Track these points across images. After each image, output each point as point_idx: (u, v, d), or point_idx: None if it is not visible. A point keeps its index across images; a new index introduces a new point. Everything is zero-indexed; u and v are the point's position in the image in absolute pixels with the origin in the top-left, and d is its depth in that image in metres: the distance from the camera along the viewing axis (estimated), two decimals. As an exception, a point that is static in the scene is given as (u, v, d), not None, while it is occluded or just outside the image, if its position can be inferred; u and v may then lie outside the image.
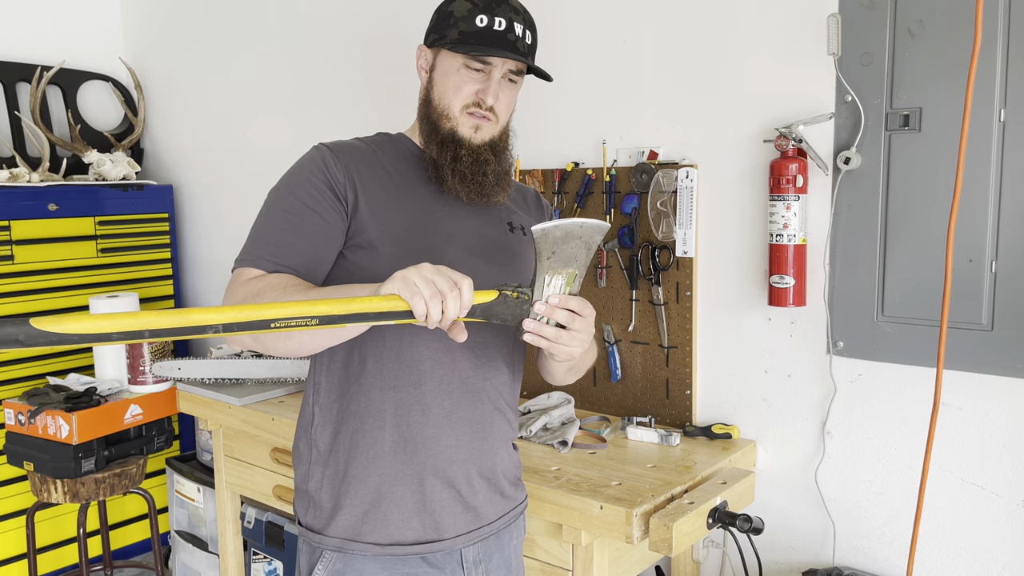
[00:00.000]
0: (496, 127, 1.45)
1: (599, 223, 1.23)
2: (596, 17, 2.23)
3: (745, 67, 2.00)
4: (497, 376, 1.47)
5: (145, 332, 1.02)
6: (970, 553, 1.81)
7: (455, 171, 1.42)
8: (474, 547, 1.47)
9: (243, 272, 1.35)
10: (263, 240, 1.37)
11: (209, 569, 2.91)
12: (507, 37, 1.39)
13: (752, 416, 2.08)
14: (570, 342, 1.26)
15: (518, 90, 1.47)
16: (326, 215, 1.36)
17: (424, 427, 1.41)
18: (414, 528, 1.42)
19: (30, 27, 3.34)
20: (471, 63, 1.40)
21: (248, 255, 1.36)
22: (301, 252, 1.35)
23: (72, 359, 3.15)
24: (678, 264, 2.14)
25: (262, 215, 1.40)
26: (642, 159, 2.17)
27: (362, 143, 1.48)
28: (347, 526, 1.42)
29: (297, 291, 1.26)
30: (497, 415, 1.48)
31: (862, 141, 1.84)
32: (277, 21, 3.04)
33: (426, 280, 1.12)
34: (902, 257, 1.82)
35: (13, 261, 2.97)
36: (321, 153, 1.41)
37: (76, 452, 2.57)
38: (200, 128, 3.42)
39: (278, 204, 1.39)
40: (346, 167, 1.39)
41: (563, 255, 1.23)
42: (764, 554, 2.01)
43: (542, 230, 1.20)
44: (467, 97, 1.41)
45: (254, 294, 1.27)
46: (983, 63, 1.67)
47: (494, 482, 1.50)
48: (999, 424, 1.75)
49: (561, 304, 1.25)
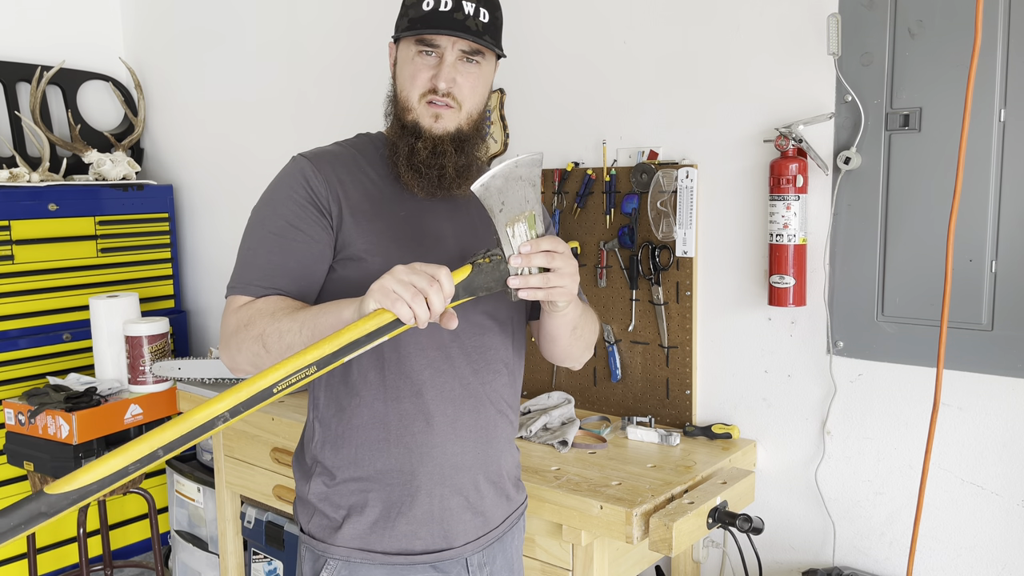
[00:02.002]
0: (460, 115, 1.38)
1: (531, 155, 1.20)
2: (596, 17, 2.23)
3: (745, 67, 2.00)
4: (496, 379, 1.46)
5: (159, 452, 1.03)
6: (970, 553, 1.81)
7: (410, 164, 1.38)
8: (480, 552, 1.47)
9: (234, 300, 1.35)
10: (251, 264, 1.36)
11: (209, 569, 2.91)
12: (454, 16, 1.33)
13: (752, 416, 2.08)
14: (561, 280, 1.24)
15: (484, 74, 1.40)
16: (311, 232, 1.34)
17: (429, 436, 1.39)
18: (423, 538, 1.41)
19: (30, 27, 3.34)
20: (422, 48, 1.35)
21: (238, 281, 1.36)
22: (290, 273, 1.34)
23: (72, 359, 3.15)
24: (678, 264, 2.14)
25: (248, 237, 1.38)
26: (642, 159, 2.17)
27: (342, 148, 1.46)
28: (354, 536, 1.41)
29: (285, 314, 1.25)
30: (499, 418, 1.47)
31: (862, 141, 1.84)
32: (277, 21, 3.04)
33: (403, 283, 1.12)
34: (902, 257, 1.82)
35: (13, 261, 2.97)
36: (300, 166, 1.38)
37: (76, 452, 2.57)
38: (200, 128, 3.42)
39: (263, 225, 1.37)
40: (327, 180, 1.37)
41: (513, 202, 1.20)
42: (764, 554, 2.01)
43: (482, 185, 1.17)
44: (423, 84, 1.36)
45: (244, 323, 1.28)
46: (983, 63, 1.67)
47: (500, 485, 1.49)
48: (999, 424, 1.75)
49: (534, 248, 1.21)
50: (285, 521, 2.51)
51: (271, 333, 1.25)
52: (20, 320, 3.01)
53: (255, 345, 1.27)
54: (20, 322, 3.01)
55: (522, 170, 1.19)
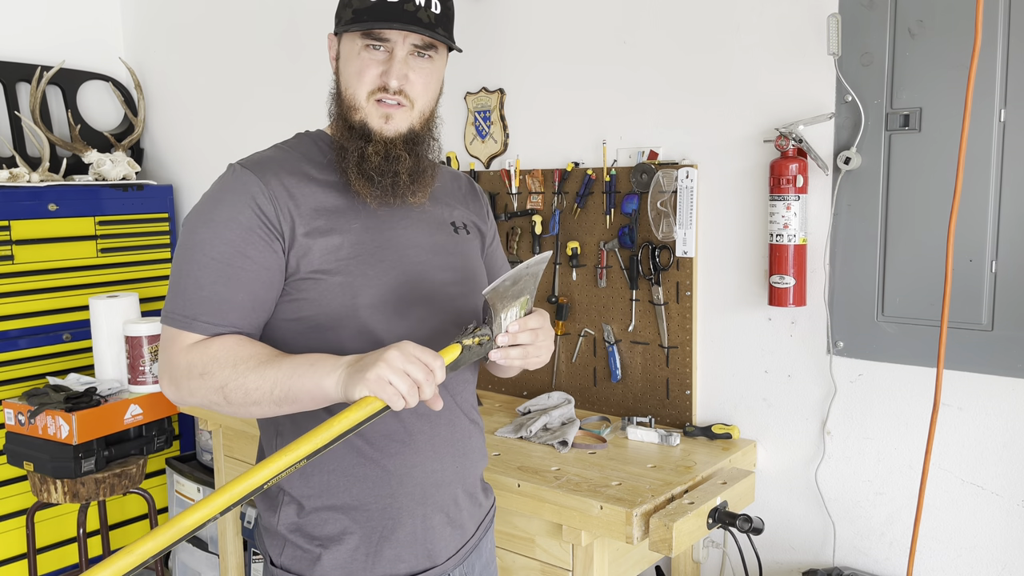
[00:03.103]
0: (412, 114, 1.29)
1: (541, 257, 1.23)
2: (596, 17, 2.23)
3: (745, 67, 2.00)
4: (466, 387, 1.42)
5: (148, 560, 1.03)
6: (970, 553, 1.81)
7: (361, 171, 1.28)
8: (460, 564, 1.43)
9: (179, 337, 1.23)
10: (193, 297, 1.23)
11: (209, 569, 2.91)
12: (404, 8, 1.23)
13: (752, 416, 2.08)
14: (539, 353, 1.26)
15: (437, 69, 1.31)
16: (259, 259, 1.23)
17: (408, 456, 1.32)
18: (407, 560, 1.34)
19: (30, 27, 3.33)
20: (369, 42, 1.25)
21: (179, 313, 1.23)
22: (239, 306, 1.23)
23: (72, 359, 3.15)
24: (678, 264, 2.14)
25: (185, 259, 1.25)
26: (642, 159, 2.17)
27: (284, 153, 1.35)
28: (335, 567, 1.31)
29: (250, 368, 1.17)
30: (472, 427, 1.43)
31: (862, 141, 1.84)
32: (277, 20, 3.04)
33: (399, 374, 1.08)
34: (902, 257, 1.82)
35: (13, 261, 2.97)
36: (244, 181, 1.26)
37: (76, 452, 2.57)
38: (200, 128, 3.42)
39: (203, 249, 1.23)
40: (274, 195, 1.25)
41: (515, 292, 1.22)
42: (764, 554, 2.01)
43: (494, 290, 1.18)
44: (371, 82, 1.27)
45: (200, 371, 1.19)
46: (983, 63, 1.67)
47: (473, 495, 1.45)
48: (999, 424, 1.75)
49: (522, 328, 1.24)
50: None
51: (235, 389, 1.18)
52: (20, 320, 3.01)
53: (215, 395, 1.20)
54: (20, 322, 3.01)
55: (531, 269, 1.22)
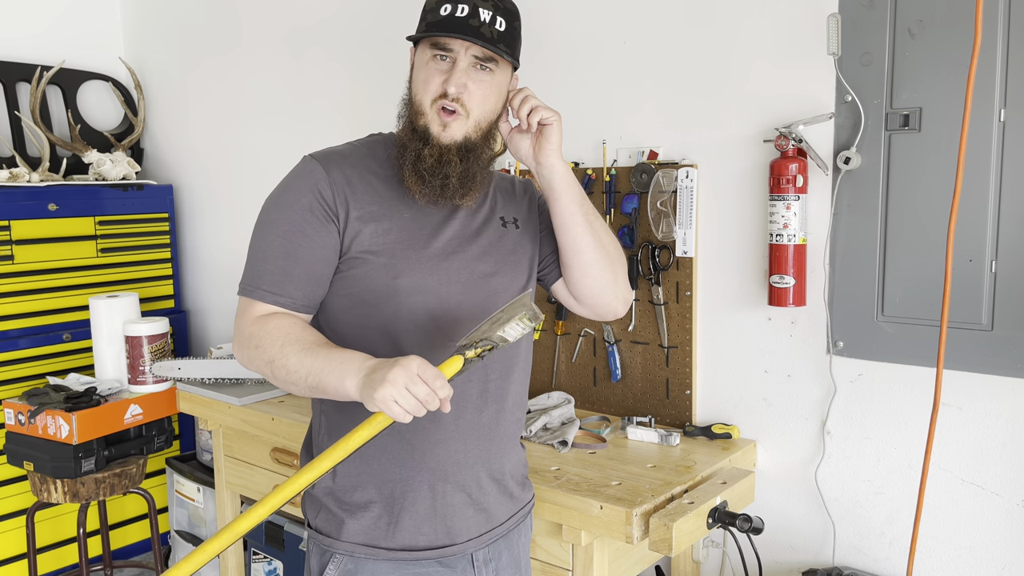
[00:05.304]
0: (467, 123, 1.39)
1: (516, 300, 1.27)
2: (596, 17, 2.23)
3: (745, 67, 2.00)
4: (501, 376, 1.47)
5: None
6: (970, 553, 1.81)
7: (415, 169, 1.39)
8: (485, 548, 1.48)
9: (248, 306, 1.40)
10: (260, 269, 1.40)
11: (209, 569, 2.91)
12: (469, 22, 1.35)
13: (752, 416, 2.08)
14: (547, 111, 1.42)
15: (496, 83, 1.41)
16: (318, 237, 1.37)
17: (432, 432, 1.41)
18: (426, 534, 1.43)
19: (30, 27, 3.33)
20: (436, 52, 1.37)
21: (249, 283, 1.41)
22: (297, 279, 1.38)
23: (72, 359, 3.15)
24: (678, 264, 2.14)
25: (257, 237, 1.42)
26: (642, 159, 2.17)
27: (353, 148, 1.47)
28: (358, 532, 1.43)
29: (294, 351, 1.31)
30: (503, 415, 1.48)
31: (862, 141, 1.84)
32: (278, 20, 3.04)
33: (403, 395, 1.18)
34: (902, 257, 1.82)
35: (13, 261, 2.97)
36: (310, 168, 1.40)
37: (76, 452, 2.57)
38: (200, 128, 3.42)
39: (272, 227, 1.40)
40: (335, 182, 1.39)
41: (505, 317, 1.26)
42: (764, 554, 2.01)
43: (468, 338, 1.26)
44: (435, 90, 1.38)
45: (256, 343, 1.35)
46: (983, 63, 1.67)
47: (503, 483, 1.50)
48: (999, 424, 1.75)
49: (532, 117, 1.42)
50: (285, 521, 2.51)
51: (279, 367, 1.33)
52: (20, 320, 3.01)
53: (264, 368, 1.36)
54: (20, 322, 3.01)
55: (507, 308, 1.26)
